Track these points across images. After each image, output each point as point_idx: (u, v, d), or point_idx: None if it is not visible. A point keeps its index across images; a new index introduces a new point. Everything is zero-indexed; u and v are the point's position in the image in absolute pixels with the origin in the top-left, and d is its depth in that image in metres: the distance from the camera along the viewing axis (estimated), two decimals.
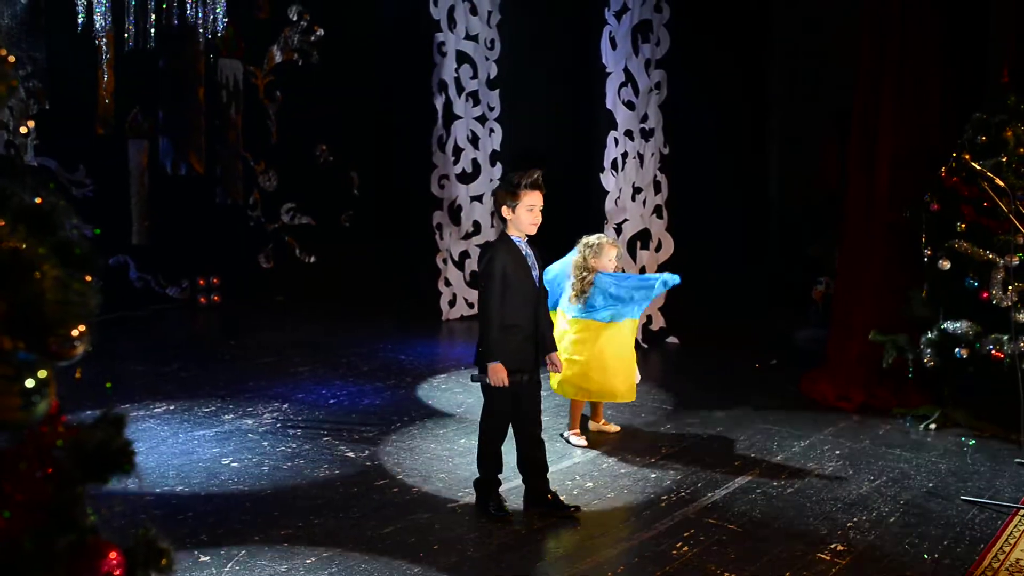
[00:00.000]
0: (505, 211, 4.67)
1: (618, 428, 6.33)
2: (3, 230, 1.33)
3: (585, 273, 5.87)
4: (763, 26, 11.08)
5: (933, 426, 6.52)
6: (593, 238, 6.01)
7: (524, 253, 4.70)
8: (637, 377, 6.24)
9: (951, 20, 7.38)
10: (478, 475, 4.85)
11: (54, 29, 9.70)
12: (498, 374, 4.58)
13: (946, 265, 6.42)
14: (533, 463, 4.87)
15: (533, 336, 4.74)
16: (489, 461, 4.82)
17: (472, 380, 4.88)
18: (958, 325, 6.34)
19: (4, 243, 1.29)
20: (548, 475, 4.91)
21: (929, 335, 6.51)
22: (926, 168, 6.88)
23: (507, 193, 4.67)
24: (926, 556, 4.37)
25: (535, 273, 4.75)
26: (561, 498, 4.86)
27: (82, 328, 1.38)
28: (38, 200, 1.47)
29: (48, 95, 9.91)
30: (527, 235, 4.72)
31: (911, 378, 6.88)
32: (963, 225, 6.43)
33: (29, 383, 1.26)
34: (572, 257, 5.99)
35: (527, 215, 4.64)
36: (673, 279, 5.96)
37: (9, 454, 1.35)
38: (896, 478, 5.50)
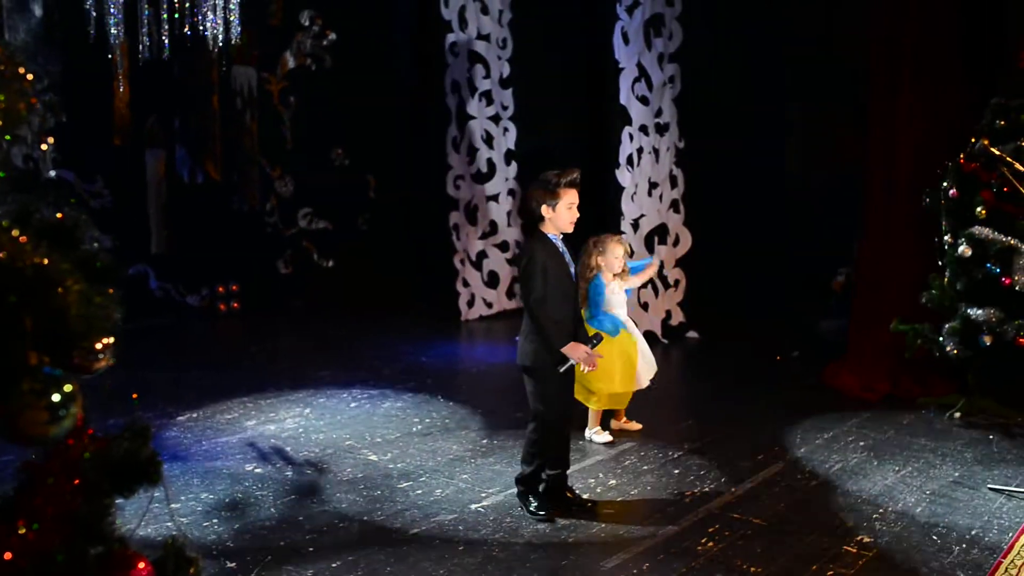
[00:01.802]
0: (545, 210, 4.68)
1: (639, 426, 6.32)
2: (27, 246, 1.34)
3: (590, 273, 5.88)
4: (779, 16, 11.01)
5: (958, 415, 6.47)
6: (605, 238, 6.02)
7: (561, 250, 4.73)
8: (646, 375, 6.11)
9: (966, 5, 7.32)
10: (533, 475, 4.81)
11: (69, 42, 9.77)
12: (577, 351, 4.63)
13: (967, 252, 6.37)
14: (560, 459, 4.86)
15: (574, 333, 4.76)
16: (558, 457, 4.80)
17: (559, 368, 4.68)
18: (980, 312, 6.30)
19: (28, 259, 1.31)
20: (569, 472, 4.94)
21: (951, 323, 6.47)
22: (945, 155, 6.83)
23: (547, 192, 4.67)
24: (954, 546, 4.34)
25: (572, 269, 4.80)
26: (581, 494, 4.90)
27: (106, 341, 1.39)
28: (59, 215, 1.48)
29: (65, 108, 9.98)
30: (563, 233, 4.74)
31: (935, 367, 6.84)
32: (983, 211, 6.38)
33: (56, 397, 1.27)
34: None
35: (567, 213, 4.67)
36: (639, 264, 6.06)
37: (38, 468, 1.37)
38: (921, 468, 5.47)
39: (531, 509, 4.76)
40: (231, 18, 8.47)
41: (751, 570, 4.07)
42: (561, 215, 4.66)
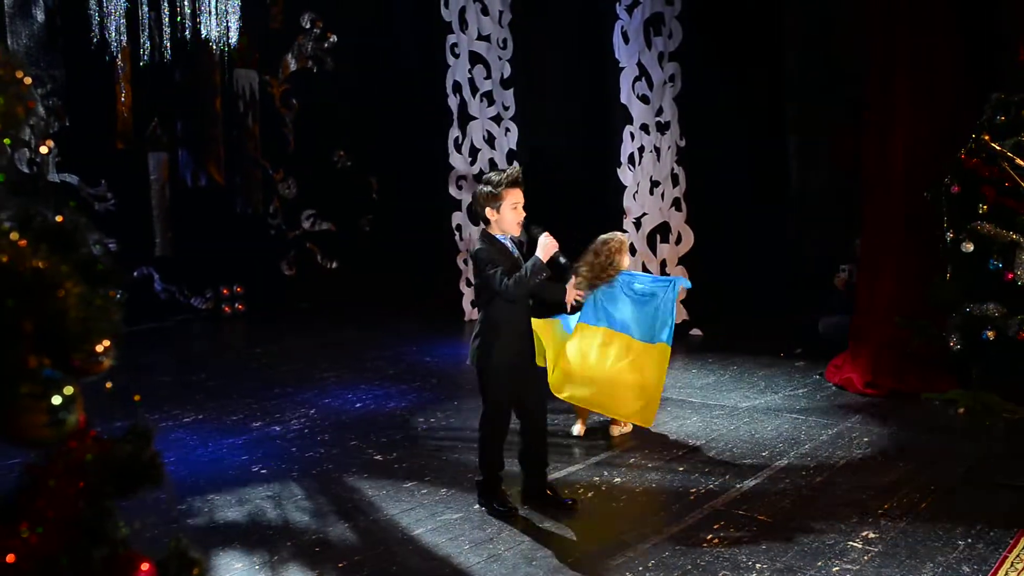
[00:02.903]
0: (490, 212, 4.63)
1: (629, 428, 6.19)
2: (26, 249, 1.35)
3: (612, 273, 5.87)
4: (776, 15, 11.01)
5: (962, 410, 6.46)
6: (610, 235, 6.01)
7: (511, 250, 4.68)
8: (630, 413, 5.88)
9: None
10: (481, 477, 4.85)
11: (71, 46, 9.79)
12: (547, 245, 4.53)
13: (969, 247, 6.37)
14: (535, 457, 4.90)
15: (527, 332, 4.77)
16: (491, 460, 4.81)
17: (560, 261, 4.64)
18: (983, 307, 6.29)
19: (27, 263, 1.31)
20: (548, 470, 4.97)
21: (954, 318, 6.46)
22: (945, 151, 6.83)
23: (488, 195, 4.62)
24: (959, 541, 4.34)
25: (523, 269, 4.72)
26: (560, 491, 4.92)
27: (106, 343, 1.40)
28: (59, 218, 1.49)
29: (68, 112, 10.01)
30: (511, 235, 4.68)
31: (938, 362, 6.84)
32: (985, 207, 6.37)
33: (56, 400, 1.28)
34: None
35: (512, 213, 4.61)
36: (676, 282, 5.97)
37: (40, 471, 1.38)
38: (926, 463, 5.46)
39: (497, 509, 4.75)
40: (231, 21, 8.48)
41: (756, 567, 4.08)
42: (505, 216, 4.60)
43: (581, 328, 5.87)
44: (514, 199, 4.61)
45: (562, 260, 4.65)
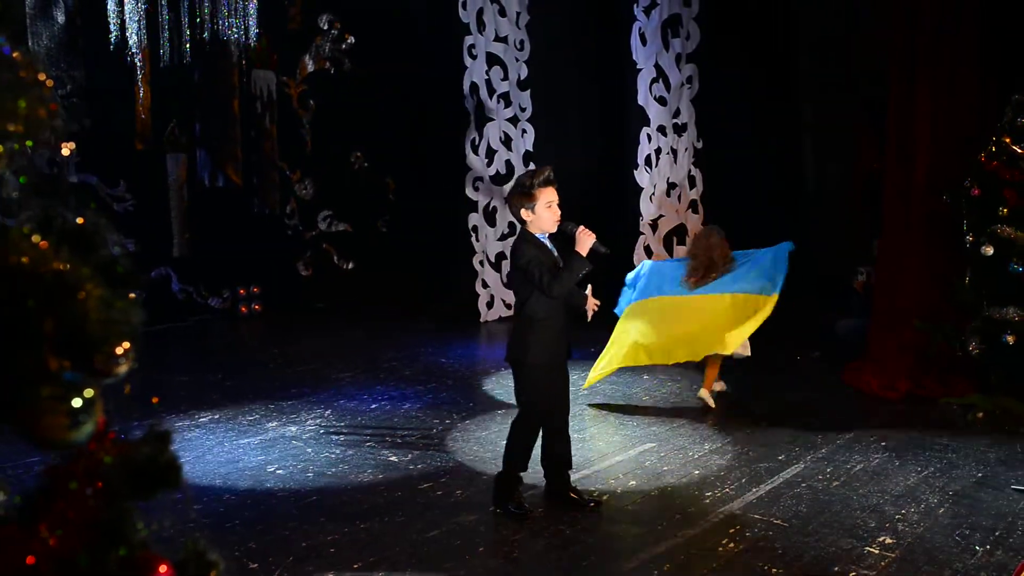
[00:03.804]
0: (525, 214, 4.65)
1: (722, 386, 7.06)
2: (48, 251, 1.35)
3: (729, 264, 6.71)
4: (792, 15, 10.97)
5: (981, 414, 6.41)
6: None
7: (549, 248, 4.70)
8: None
9: (985, 2, 7.26)
10: (502, 470, 4.84)
11: (91, 48, 9.86)
12: (584, 240, 4.60)
13: (989, 250, 6.33)
14: (559, 459, 4.89)
15: (565, 330, 4.75)
16: (518, 457, 4.81)
17: (600, 251, 4.69)
18: (1003, 311, 6.25)
19: (49, 265, 1.32)
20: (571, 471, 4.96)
21: (973, 322, 6.42)
22: (965, 153, 6.78)
23: (522, 196, 4.65)
24: (977, 547, 4.31)
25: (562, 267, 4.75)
26: (586, 492, 4.91)
27: (126, 345, 1.40)
28: (80, 220, 1.49)
29: (87, 113, 10.07)
30: (549, 233, 4.71)
31: (957, 366, 6.79)
32: (1006, 210, 6.32)
33: (76, 403, 1.28)
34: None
35: (547, 212, 4.63)
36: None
37: (59, 473, 1.38)
38: (944, 468, 5.43)
39: (511, 510, 4.73)
40: (250, 22, 8.52)
41: (772, 571, 4.06)
42: (541, 216, 4.63)
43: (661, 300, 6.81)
44: (548, 198, 4.62)
45: (602, 250, 4.67)
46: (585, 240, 4.61)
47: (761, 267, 6.60)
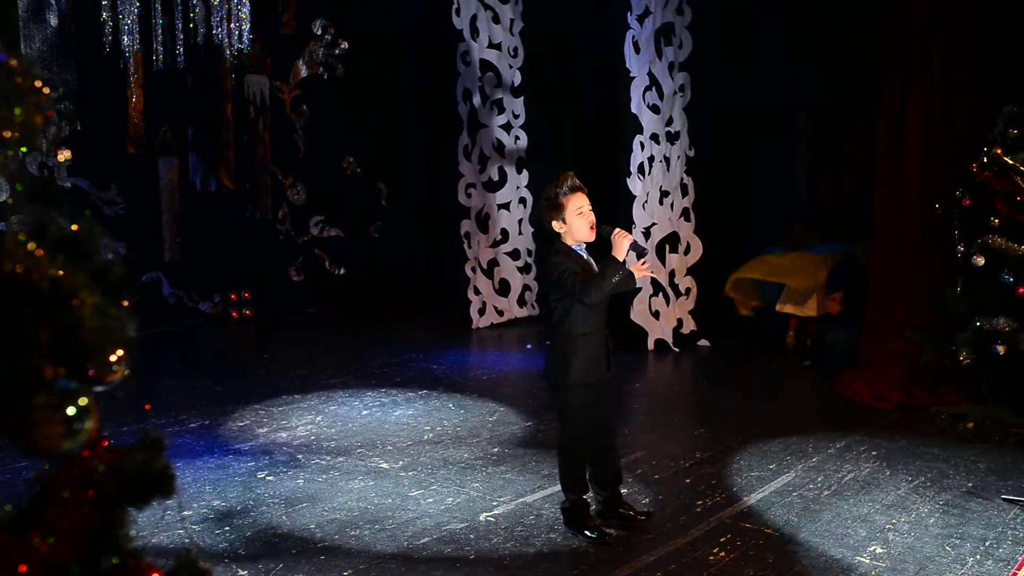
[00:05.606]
0: (557, 225, 4.45)
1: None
2: (43, 259, 1.35)
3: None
4: (785, 22, 11.00)
5: (971, 424, 6.43)
6: None
7: (586, 259, 4.49)
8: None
9: (978, 13, 7.30)
10: (564, 500, 4.67)
11: (84, 51, 9.83)
12: (619, 242, 4.34)
13: (980, 261, 6.35)
14: (609, 472, 4.75)
15: (606, 342, 4.56)
16: (575, 481, 4.62)
17: (637, 251, 4.50)
18: (994, 321, 6.27)
19: (44, 272, 1.32)
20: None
21: (964, 332, 6.44)
22: (957, 164, 6.81)
23: (551, 208, 4.46)
24: (967, 557, 4.32)
25: None
26: (635, 506, 4.84)
27: (120, 353, 1.40)
28: (75, 227, 1.49)
29: (79, 116, 10.04)
30: (585, 242, 4.50)
31: (948, 376, 6.81)
32: (997, 220, 6.35)
33: (71, 411, 1.28)
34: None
35: (579, 220, 4.41)
36: None
37: (52, 480, 1.38)
38: (935, 478, 5.44)
39: (588, 534, 4.57)
40: (243, 26, 8.51)
41: None
42: (573, 225, 4.43)
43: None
44: (577, 205, 4.42)
45: (640, 249, 4.49)
46: (621, 243, 4.34)
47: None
